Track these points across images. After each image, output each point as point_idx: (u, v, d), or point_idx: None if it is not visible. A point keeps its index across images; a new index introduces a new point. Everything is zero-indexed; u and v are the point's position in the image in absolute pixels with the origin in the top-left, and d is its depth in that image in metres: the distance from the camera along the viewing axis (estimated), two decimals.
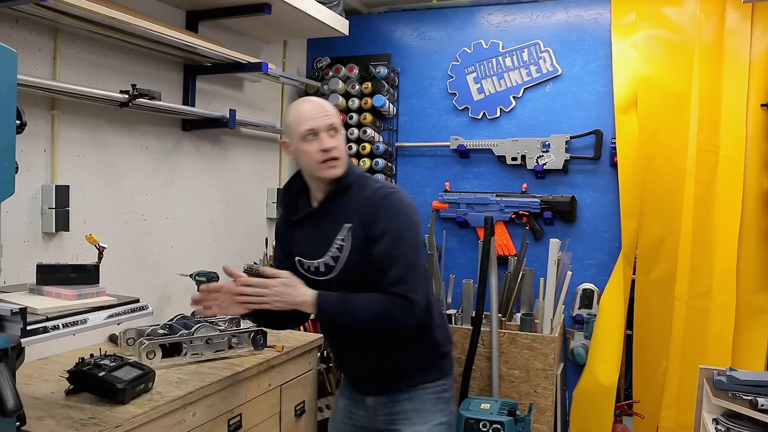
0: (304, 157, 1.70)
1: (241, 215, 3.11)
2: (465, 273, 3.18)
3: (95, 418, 1.56)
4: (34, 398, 1.69)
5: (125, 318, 1.61)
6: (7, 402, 1.19)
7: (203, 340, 2.09)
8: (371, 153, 3.32)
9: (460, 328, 2.93)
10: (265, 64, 2.64)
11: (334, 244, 1.71)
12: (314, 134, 1.67)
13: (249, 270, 2.69)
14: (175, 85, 2.64)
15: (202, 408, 1.87)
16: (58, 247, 2.13)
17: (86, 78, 2.21)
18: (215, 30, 2.81)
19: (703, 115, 2.77)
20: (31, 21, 1.99)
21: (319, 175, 1.69)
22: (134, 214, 2.46)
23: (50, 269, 1.62)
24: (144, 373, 1.75)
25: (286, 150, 1.78)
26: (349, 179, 1.73)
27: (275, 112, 3.35)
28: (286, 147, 1.77)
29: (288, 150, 1.76)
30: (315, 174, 1.71)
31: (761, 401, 1.75)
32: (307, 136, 1.67)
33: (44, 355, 2.08)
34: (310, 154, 1.68)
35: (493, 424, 2.42)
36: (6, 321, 1.32)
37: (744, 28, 2.74)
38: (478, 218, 3.14)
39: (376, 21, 3.48)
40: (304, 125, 1.67)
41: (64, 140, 2.15)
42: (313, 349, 2.49)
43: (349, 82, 3.34)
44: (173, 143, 2.65)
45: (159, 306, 2.57)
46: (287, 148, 1.76)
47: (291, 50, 3.42)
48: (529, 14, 3.19)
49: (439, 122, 3.34)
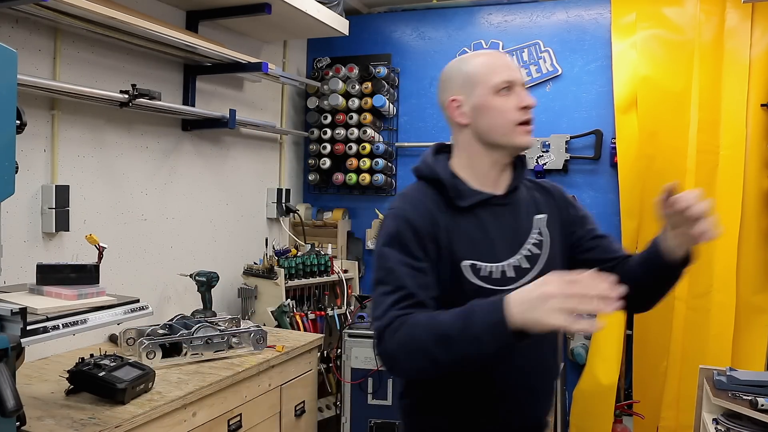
0: (491, 116, 1.31)
1: (241, 215, 3.11)
2: None
3: (95, 418, 1.56)
4: (34, 398, 1.69)
5: (125, 318, 1.61)
6: (7, 402, 1.19)
7: (203, 340, 2.09)
8: (371, 153, 3.32)
9: None
10: (265, 64, 2.64)
11: (529, 240, 1.34)
12: (509, 88, 1.31)
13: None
14: (175, 85, 2.64)
15: (202, 408, 1.87)
16: (58, 247, 2.13)
17: (86, 78, 2.21)
18: (215, 30, 2.81)
19: (703, 115, 2.77)
20: (31, 21, 1.99)
21: (510, 142, 1.32)
22: (134, 214, 2.46)
23: (50, 269, 1.62)
24: (144, 373, 1.75)
25: (452, 111, 1.35)
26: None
27: (275, 112, 3.35)
28: (454, 106, 1.34)
29: (457, 110, 1.34)
30: (503, 141, 1.32)
31: (761, 401, 1.75)
32: (502, 88, 1.30)
33: (44, 355, 2.08)
34: (504, 112, 1.30)
35: None
36: (6, 321, 1.32)
37: (744, 28, 2.74)
38: None
39: (376, 21, 3.48)
40: (499, 74, 1.31)
41: (64, 140, 2.15)
42: (313, 349, 2.49)
43: (349, 82, 3.34)
44: (173, 143, 2.65)
45: (159, 306, 2.57)
46: (456, 108, 1.34)
47: (291, 50, 3.42)
48: (529, 14, 3.19)
49: (439, 122, 3.34)
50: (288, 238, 3.40)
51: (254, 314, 2.82)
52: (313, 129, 3.44)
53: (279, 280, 2.78)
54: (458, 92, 1.35)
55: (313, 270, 2.95)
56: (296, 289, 2.90)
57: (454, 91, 1.36)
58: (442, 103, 1.39)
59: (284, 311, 2.74)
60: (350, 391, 2.67)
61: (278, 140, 3.40)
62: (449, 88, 1.37)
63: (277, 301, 2.77)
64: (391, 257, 1.24)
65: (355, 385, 2.66)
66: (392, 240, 1.25)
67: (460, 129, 1.36)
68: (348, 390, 2.67)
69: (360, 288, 3.24)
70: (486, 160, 1.35)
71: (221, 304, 2.86)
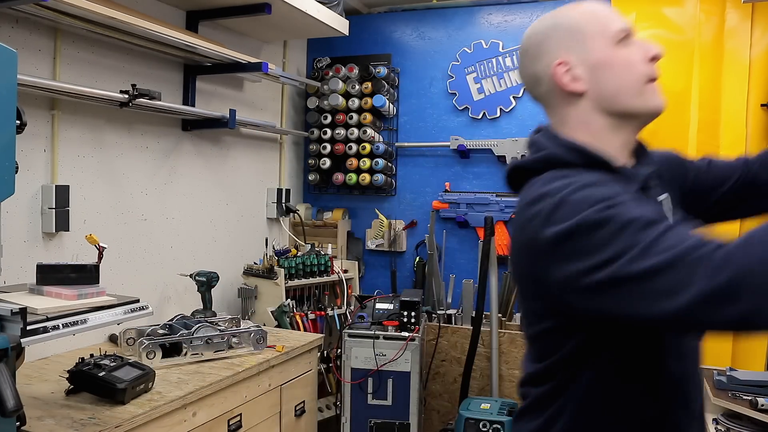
0: (617, 73, 1.02)
1: (241, 215, 3.11)
2: (465, 273, 3.18)
3: (95, 418, 1.56)
4: (34, 398, 1.69)
5: (125, 318, 1.61)
6: (7, 402, 1.19)
7: (203, 340, 2.09)
8: (371, 153, 3.31)
9: (460, 328, 2.93)
10: (265, 64, 2.64)
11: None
12: (627, 37, 1.04)
13: None
14: (175, 85, 2.64)
15: (202, 408, 1.87)
16: (58, 247, 2.13)
17: (86, 78, 2.21)
18: (215, 30, 2.81)
19: (703, 115, 2.77)
20: (31, 21, 1.99)
21: (644, 105, 1.04)
22: (134, 214, 2.46)
23: (50, 269, 1.62)
24: (144, 373, 1.75)
25: (560, 78, 1.04)
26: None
27: (275, 112, 3.35)
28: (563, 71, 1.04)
29: (567, 75, 1.04)
30: (636, 105, 1.03)
31: (761, 401, 1.75)
32: (623, 36, 1.03)
33: (44, 355, 2.08)
34: (632, 65, 1.02)
35: (493, 424, 2.42)
36: (6, 321, 1.32)
37: (744, 28, 2.74)
38: (478, 218, 3.14)
39: (376, 21, 3.48)
40: (616, 22, 1.04)
41: (64, 140, 2.15)
42: (313, 349, 2.49)
43: (349, 82, 3.34)
44: (173, 143, 2.65)
45: (159, 306, 2.57)
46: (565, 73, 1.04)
47: (291, 50, 3.42)
48: (529, 14, 3.19)
49: (439, 122, 3.34)
50: (288, 238, 3.40)
51: (254, 314, 2.82)
52: (313, 129, 3.44)
53: (279, 280, 2.78)
54: (564, 52, 1.04)
55: (313, 270, 2.95)
56: (296, 289, 2.90)
57: (558, 51, 1.05)
58: (538, 73, 1.08)
59: (284, 311, 2.74)
60: (350, 391, 2.67)
61: (278, 140, 3.40)
62: (549, 50, 1.06)
63: (277, 301, 2.77)
64: (619, 214, 0.85)
65: (355, 385, 2.66)
66: (605, 203, 0.87)
67: (571, 101, 1.05)
68: (348, 390, 2.67)
69: (360, 288, 3.24)
70: (614, 139, 1.04)
71: (221, 304, 2.86)
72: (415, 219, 3.38)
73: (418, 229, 3.37)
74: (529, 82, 1.12)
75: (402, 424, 2.63)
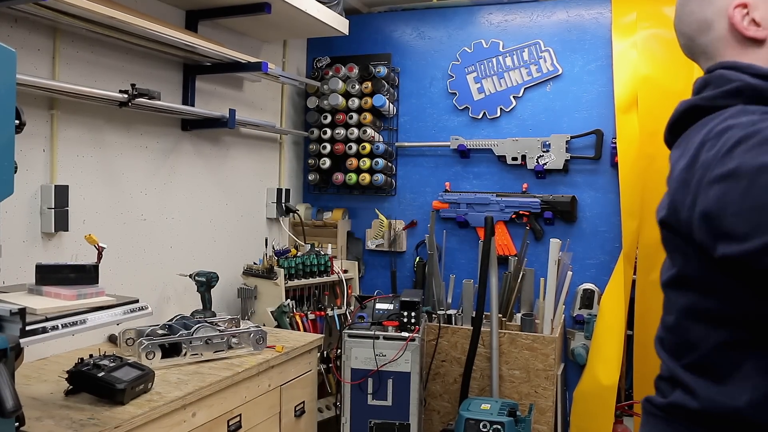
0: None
1: (241, 215, 3.10)
2: (465, 273, 3.18)
3: (94, 419, 1.56)
4: (33, 399, 1.69)
5: (125, 318, 1.60)
6: (6, 402, 1.19)
7: (203, 340, 2.09)
8: (371, 153, 3.31)
9: (460, 328, 2.93)
10: (265, 63, 2.63)
11: None
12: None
13: None
14: (175, 85, 2.63)
15: (202, 408, 1.87)
16: (58, 247, 2.13)
17: (85, 78, 2.20)
18: (215, 30, 2.80)
19: None
20: (30, 21, 1.99)
21: None
22: (134, 214, 2.45)
23: (49, 269, 1.62)
24: (143, 373, 1.75)
25: (739, 22, 0.94)
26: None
27: (275, 111, 3.35)
28: (742, 15, 0.94)
29: (747, 19, 0.94)
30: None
31: None
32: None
33: (43, 355, 2.08)
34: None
35: (494, 424, 2.42)
36: (5, 321, 1.31)
37: None
38: (478, 218, 3.14)
39: (376, 21, 3.47)
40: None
41: (64, 140, 2.14)
42: (313, 349, 2.49)
43: (349, 82, 3.33)
44: (173, 143, 2.65)
45: (159, 306, 2.56)
46: (745, 17, 0.94)
47: (291, 50, 3.42)
48: (529, 14, 3.18)
49: (439, 122, 3.34)
50: (288, 238, 3.39)
51: (254, 314, 2.82)
52: (312, 129, 3.44)
53: (279, 280, 2.78)
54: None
55: (312, 270, 2.95)
56: (296, 289, 2.89)
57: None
58: (709, 18, 0.97)
59: (284, 311, 2.73)
60: (350, 392, 2.67)
61: (278, 140, 3.39)
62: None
63: (276, 302, 2.77)
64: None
65: (355, 385, 2.65)
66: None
67: (749, 49, 0.93)
68: (348, 390, 2.67)
69: (360, 288, 3.24)
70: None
71: (221, 304, 2.86)
72: (415, 219, 3.38)
73: (418, 229, 3.37)
74: (693, 30, 1.00)
75: (402, 425, 2.62)
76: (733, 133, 0.81)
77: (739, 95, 0.89)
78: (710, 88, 0.93)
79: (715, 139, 0.83)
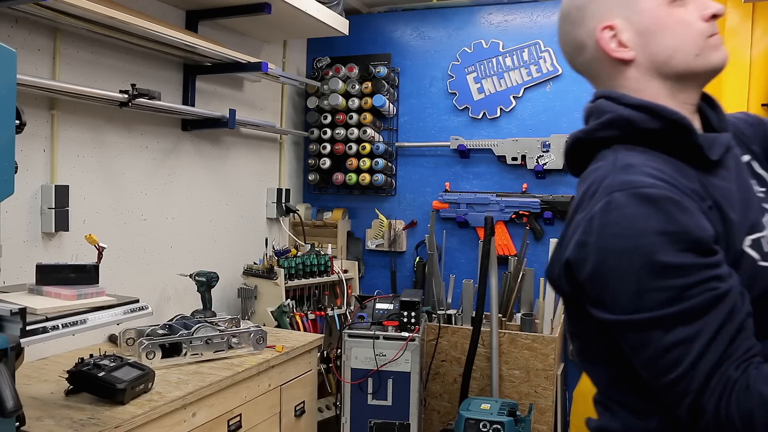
0: (672, 35, 0.93)
1: (241, 215, 3.10)
2: (465, 273, 3.18)
3: (95, 419, 1.56)
4: (34, 398, 1.69)
5: (125, 318, 1.60)
6: (6, 402, 1.19)
7: (203, 340, 2.09)
8: (371, 153, 3.31)
9: (460, 328, 2.93)
10: (265, 63, 2.63)
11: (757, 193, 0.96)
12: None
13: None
14: (175, 85, 2.64)
15: (202, 408, 1.87)
16: (58, 247, 2.13)
17: (86, 78, 2.20)
18: (215, 30, 2.81)
19: None
20: (30, 21, 1.99)
21: (706, 63, 0.94)
22: (134, 214, 2.46)
23: (50, 269, 1.62)
24: (144, 373, 1.75)
25: (606, 45, 0.96)
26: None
27: (275, 112, 3.35)
28: (608, 37, 0.95)
29: (614, 42, 0.95)
30: (697, 64, 0.94)
31: None
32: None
33: (44, 355, 2.08)
34: (689, 24, 0.92)
35: (494, 424, 2.42)
36: (5, 321, 1.31)
37: (745, 28, 2.73)
38: (478, 218, 3.14)
39: (376, 21, 3.48)
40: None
41: (64, 140, 2.15)
42: (313, 349, 2.49)
43: (349, 82, 3.34)
44: (173, 143, 2.65)
45: (159, 306, 2.56)
46: (611, 39, 0.95)
47: (291, 50, 3.42)
48: (529, 14, 3.18)
49: (439, 122, 3.34)
50: (288, 238, 3.39)
51: (254, 314, 2.82)
52: (313, 129, 3.44)
53: (279, 280, 2.78)
54: (610, 15, 0.95)
55: (313, 270, 2.95)
56: (296, 289, 2.90)
57: (603, 15, 0.95)
58: (581, 40, 0.99)
59: (284, 311, 2.73)
60: (350, 392, 2.67)
61: (278, 140, 3.39)
62: (593, 13, 0.97)
63: (277, 301, 2.77)
64: (687, 268, 0.79)
65: (355, 385, 2.65)
66: (669, 238, 0.80)
67: (619, 69, 0.96)
68: (348, 390, 2.67)
69: (360, 288, 3.24)
70: (673, 103, 0.94)
71: (221, 304, 2.86)
72: (415, 219, 3.38)
73: (418, 229, 3.37)
74: (570, 51, 1.03)
75: (402, 425, 2.62)
76: (594, 219, 0.85)
77: (613, 126, 0.93)
78: (593, 118, 0.98)
79: (583, 212, 0.88)
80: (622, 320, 0.82)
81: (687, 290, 0.78)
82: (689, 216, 0.81)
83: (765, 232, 0.89)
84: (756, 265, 0.86)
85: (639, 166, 0.86)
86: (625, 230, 0.81)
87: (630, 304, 0.81)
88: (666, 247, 0.79)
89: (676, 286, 0.78)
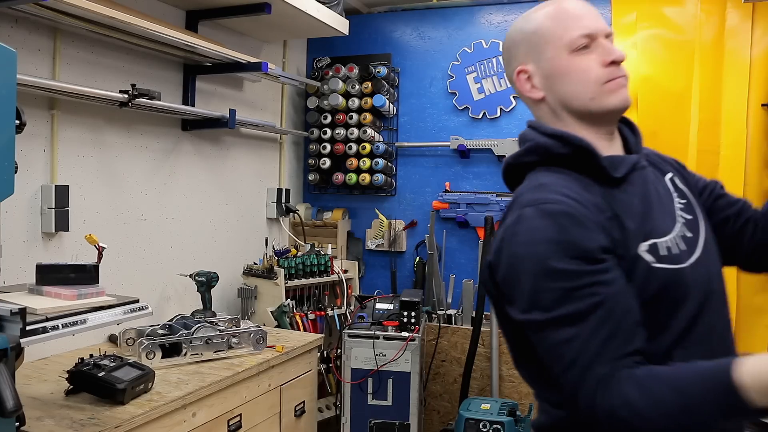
0: (569, 82, 1.06)
1: (241, 215, 3.10)
2: (465, 273, 3.18)
3: (95, 419, 1.56)
4: (34, 398, 1.69)
5: (125, 318, 1.60)
6: (6, 402, 1.19)
7: (203, 340, 2.09)
8: (371, 153, 3.31)
9: (460, 328, 2.93)
10: (265, 63, 2.63)
11: (675, 204, 1.08)
12: (587, 45, 1.06)
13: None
14: (175, 85, 2.64)
15: (202, 408, 1.87)
16: (58, 247, 2.13)
17: (86, 78, 2.20)
18: (215, 30, 2.80)
19: (704, 115, 2.77)
20: (30, 21, 1.99)
21: (600, 106, 1.05)
22: (134, 214, 2.46)
23: (50, 269, 1.62)
24: (144, 373, 1.75)
25: (521, 86, 1.11)
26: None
27: (275, 112, 3.35)
28: (523, 79, 1.10)
29: (527, 84, 1.10)
30: (592, 107, 1.05)
31: None
32: (581, 44, 1.05)
33: (44, 355, 2.08)
34: (585, 72, 1.04)
35: (494, 424, 2.42)
36: (5, 321, 1.31)
37: (745, 28, 2.73)
38: (478, 218, 3.14)
39: (376, 21, 3.48)
40: (575, 28, 1.05)
41: (64, 140, 2.15)
42: (313, 349, 2.49)
43: (349, 82, 3.34)
44: (173, 143, 2.65)
45: (159, 306, 2.56)
46: (525, 81, 1.10)
47: (291, 50, 3.42)
48: None
49: (439, 122, 3.34)
50: (288, 238, 3.39)
51: (254, 314, 2.82)
52: (313, 129, 3.44)
53: (279, 280, 2.78)
54: (525, 60, 1.09)
55: (313, 270, 2.95)
56: (296, 289, 2.90)
57: (520, 59, 1.10)
58: (509, 77, 1.15)
59: (284, 311, 2.73)
60: (350, 392, 2.67)
61: (278, 140, 3.39)
62: (514, 56, 1.12)
63: (277, 301, 2.77)
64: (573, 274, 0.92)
65: (355, 385, 2.66)
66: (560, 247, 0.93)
67: (537, 105, 1.11)
68: (348, 390, 2.67)
69: (360, 288, 3.24)
70: (587, 133, 1.07)
71: (221, 304, 2.86)
72: (415, 219, 3.38)
73: (418, 229, 3.37)
74: (509, 82, 1.17)
75: (402, 425, 2.63)
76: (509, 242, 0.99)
77: (533, 152, 1.08)
78: (521, 145, 1.12)
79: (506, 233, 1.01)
80: (524, 319, 0.96)
81: (573, 291, 0.91)
82: (581, 228, 0.94)
83: (667, 238, 1.01)
84: (650, 267, 0.97)
85: (550, 185, 1.01)
86: (527, 238, 0.96)
87: (527, 303, 0.95)
88: (557, 254, 0.93)
89: (564, 287, 0.92)
